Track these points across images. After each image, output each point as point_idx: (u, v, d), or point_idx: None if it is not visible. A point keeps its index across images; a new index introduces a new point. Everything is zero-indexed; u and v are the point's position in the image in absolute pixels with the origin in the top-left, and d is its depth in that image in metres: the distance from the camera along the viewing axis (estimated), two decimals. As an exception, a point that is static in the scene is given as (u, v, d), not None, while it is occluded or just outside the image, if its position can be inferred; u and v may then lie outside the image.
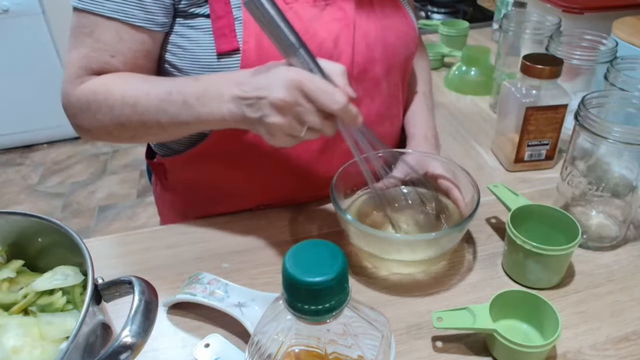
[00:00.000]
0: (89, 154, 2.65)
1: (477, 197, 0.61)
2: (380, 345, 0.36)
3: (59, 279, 0.47)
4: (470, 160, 0.89)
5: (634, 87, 0.74)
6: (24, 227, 0.50)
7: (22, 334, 0.43)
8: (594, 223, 0.70)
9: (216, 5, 0.61)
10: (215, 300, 0.56)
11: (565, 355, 0.54)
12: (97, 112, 0.62)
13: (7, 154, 2.67)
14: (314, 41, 0.63)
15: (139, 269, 0.67)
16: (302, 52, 0.51)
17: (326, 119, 0.51)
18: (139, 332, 0.39)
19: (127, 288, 0.44)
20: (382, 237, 0.61)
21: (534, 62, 0.77)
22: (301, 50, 0.50)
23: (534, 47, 0.95)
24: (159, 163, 0.80)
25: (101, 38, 0.61)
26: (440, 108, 1.07)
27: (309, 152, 0.70)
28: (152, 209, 2.22)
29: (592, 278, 0.64)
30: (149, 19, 0.61)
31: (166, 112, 0.58)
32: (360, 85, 0.69)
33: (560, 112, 0.79)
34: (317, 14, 0.64)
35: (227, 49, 0.62)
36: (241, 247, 0.70)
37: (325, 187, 0.64)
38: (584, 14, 1.09)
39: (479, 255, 0.68)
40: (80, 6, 0.60)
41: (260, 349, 0.36)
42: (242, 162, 0.71)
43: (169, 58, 0.65)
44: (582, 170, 0.68)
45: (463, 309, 0.54)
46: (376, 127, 0.74)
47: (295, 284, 0.31)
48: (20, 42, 2.39)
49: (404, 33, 0.73)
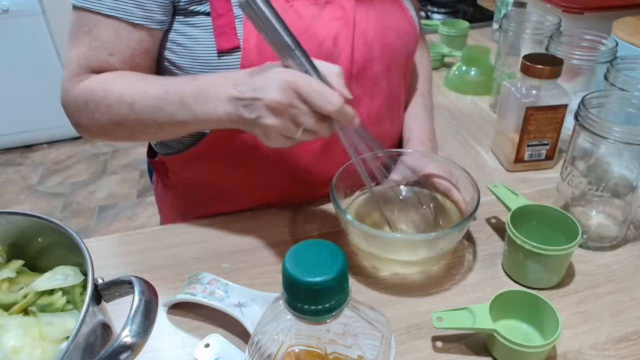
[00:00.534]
0: (89, 154, 2.65)
1: (477, 197, 0.61)
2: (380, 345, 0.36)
3: (59, 279, 0.47)
4: (470, 160, 0.89)
5: (634, 87, 0.74)
6: (24, 227, 0.50)
7: (22, 334, 0.43)
8: (594, 223, 0.70)
9: (217, 3, 0.61)
10: (215, 300, 0.56)
11: (565, 355, 0.54)
12: (95, 111, 0.62)
13: (7, 154, 2.67)
14: (314, 40, 0.63)
15: (139, 269, 0.67)
16: (298, 53, 0.50)
17: (322, 120, 0.51)
18: (139, 332, 0.39)
19: (127, 288, 0.44)
20: (382, 237, 0.61)
21: (534, 62, 0.77)
22: (297, 51, 0.50)
23: (534, 47, 0.95)
24: (160, 162, 0.80)
25: (99, 36, 0.61)
26: (440, 108, 1.07)
27: (309, 152, 0.70)
28: (152, 209, 2.22)
29: (592, 278, 0.64)
30: (147, 16, 0.61)
31: (163, 111, 0.58)
32: (359, 85, 0.69)
33: (560, 112, 0.79)
34: (317, 12, 0.64)
35: (227, 47, 0.62)
36: (241, 247, 0.70)
37: (325, 187, 0.64)
38: (584, 14, 1.09)
39: (479, 255, 0.68)
40: (79, 4, 0.60)
41: (260, 349, 0.36)
42: (242, 161, 0.71)
43: (169, 56, 0.65)
44: (582, 170, 0.68)
45: (463, 309, 0.54)
46: (376, 127, 0.74)
47: (295, 284, 0.31)
48: (20, 42, 2.39)
49: (404, 32, 0.73)
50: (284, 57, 0.51)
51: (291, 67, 0.51)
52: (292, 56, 0.50)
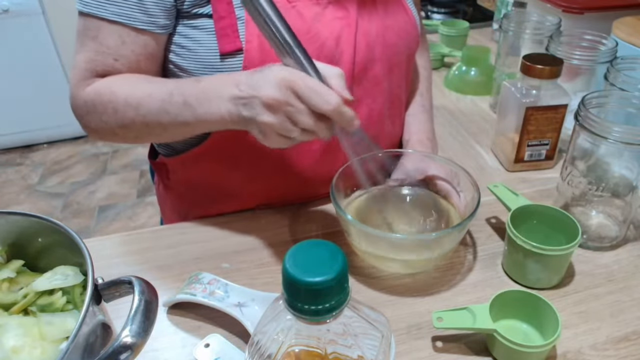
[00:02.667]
0: (89, 154, 2.65)
1: (477, 197, 0.61)
2: (380, 345, 0.36)
3: (59, 279, 0.47)
4: (470, 160, 0.89)
5: (634, 87, 0.74)
6: (24, 227, 0.50)
7: (22, 334, 0.43)
8: (594, 223, 0.70)
9: (218, 5, 0.61)
10: (215, 300, 0.56)
11: (565, 355, 0.54)
12: (102, 114, 0.62)
13: (7, 154, 2.67)
14: (316, 41, 0.63)
15: (139, 269, 0.67)
16: (298, 52, 0.50)
17: (320, 120, 0.50)
18: (139, 332, 0.39)
19: (127, 288, 0.44)
20: (382, 237, 0.61)
21: (534, 62, 0.77)
22: (297, 50, 0.50)
23: (534, 47, 0.95)
24: (161, 163, 0.80)
25: (104, 42, 0.62)
26: (440, 108, 1.07)
27: (310, 153, 0.70)
28: (152, 209, 2.22)
29: (592, 278, 0.64)
30: (151, 21, 0.61)
31: (167, 113, 0.58)
32: (360, 85, 0.69)
33: (560, 112, 0.79)
34: (320, 12, 0.64)
35: (229, 49, 0.62)
36: (241, 247, 0.70)
37: (326, 187, 0.64)
38: (584, 14, 1.09)
39: (479, 255, 0.68)
40: (85, 10, 0.61)
41: (260, 349, 0.36)
42: (243, 163, 0.71)
43: (173, 59, 0.65)
44: (582, 170, 0.68)
45: (463, 309, 0.54)
46: (377, 127, 0.74)
47: (295, 284, 0.31)
48: (20, 42, 2.39)
49: (406, 32, 0.73)
50: (284, 55, 0.51)
51: (291, 66, 0.51)
52: (292, 55, 0.50)
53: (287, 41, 0.50)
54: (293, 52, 0.50)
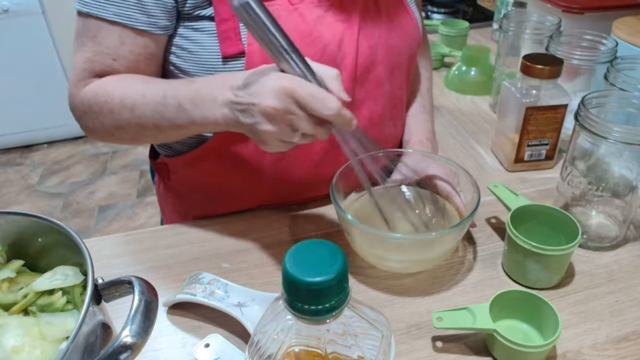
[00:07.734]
0: (89, 154, 2.65)
1: (477, 197, 0.61)
2: (380, 345, 0.36)
3: (59, 279, 0.47)
4: (470, 160, 0.89)
5: (634, 87, 0.74)
6: (24, 227, 0.50)
7: (22, 334, 0.43)
8: (594, 223, 0.70)
9: (221, 7, 0.60)
10: (215, 300, 0.56)
11: (565, 355, 0.54)
12: (99, 115, 0.62)
13: (7, 154, 2.67)
14: (318, 44, 0.63)
15: (139, 269, 0.67)
16: (294, 57, 0.49)
17: (319, 124, 0.50)
18: (139, 332, 0.39)
19: (127, 288, 0.44)
20: (382, 237, 0.61)
21: (534, 62, 0.77)
22: (293, 54, 0.49)
23: (534, 47, 0.95)
24: (162, 163, 0.80)
25: (103, 42, 0.61)
26: (440, 108, 1.07)
27: (310, 154, 0.70)
28: (152, 209, 2.22)
29: (592, 278, 0.64)
30: (151, 22, 0.61)
31: (162, 115, 0.58)
32: (362, 87, 0.69)
33: (560, 112, 0.79)
34: (322, 14, 0.64)
35: (231, 53, 0.61)
36: (241, 247, 0.70)
37: (326, 187, 0.64)
38: (584, 14, 1.09)
39: (479, 255, 0.68)
40: (84, 10, 0.60)
41: (260, 349, 0.36)
42: (244, 164, 0.71)
43: (174, 60, 0.65)
44: (582, 170, 0.68)
45: (463, 309, 0.54)
46: (379, 129, 0.74)
47: (295, 284, 0.31)
48: (20, 42, 2.39)
49: (408, 34, 0.72)
50: (280, 60, 0.50)
51: (287, 70, 0.50)
52: (288, 60, 0.49)
53: (283, 46, 0.49)
54: (289, 57, 0.49)
